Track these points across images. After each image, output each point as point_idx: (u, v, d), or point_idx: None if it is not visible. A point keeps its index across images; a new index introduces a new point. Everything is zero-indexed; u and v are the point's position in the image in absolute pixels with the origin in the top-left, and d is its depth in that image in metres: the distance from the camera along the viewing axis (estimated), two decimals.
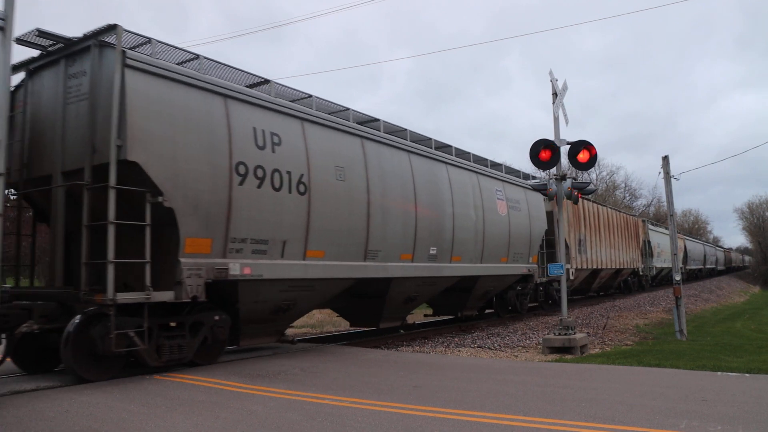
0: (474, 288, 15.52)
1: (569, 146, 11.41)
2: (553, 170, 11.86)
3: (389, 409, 5.91)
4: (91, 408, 6.03)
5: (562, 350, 10.80)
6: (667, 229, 42.62)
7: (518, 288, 18.33)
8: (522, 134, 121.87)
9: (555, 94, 11.88)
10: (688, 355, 10.48)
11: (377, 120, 12.17)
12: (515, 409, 5.90)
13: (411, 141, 12.87)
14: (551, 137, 11.50)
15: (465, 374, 8.20)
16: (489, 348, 11.88)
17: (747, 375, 8.00)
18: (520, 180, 18.25)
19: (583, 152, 11.18)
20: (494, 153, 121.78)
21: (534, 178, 19.40)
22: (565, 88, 12.09)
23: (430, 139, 13.70)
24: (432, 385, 7.32)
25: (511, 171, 17.84)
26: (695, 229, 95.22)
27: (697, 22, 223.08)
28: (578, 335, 11.13)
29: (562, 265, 11.63)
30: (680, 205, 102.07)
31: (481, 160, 15.94)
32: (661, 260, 39.44)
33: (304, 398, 6.47)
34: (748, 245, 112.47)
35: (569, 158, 11.55)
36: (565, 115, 12.10)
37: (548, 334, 11.85)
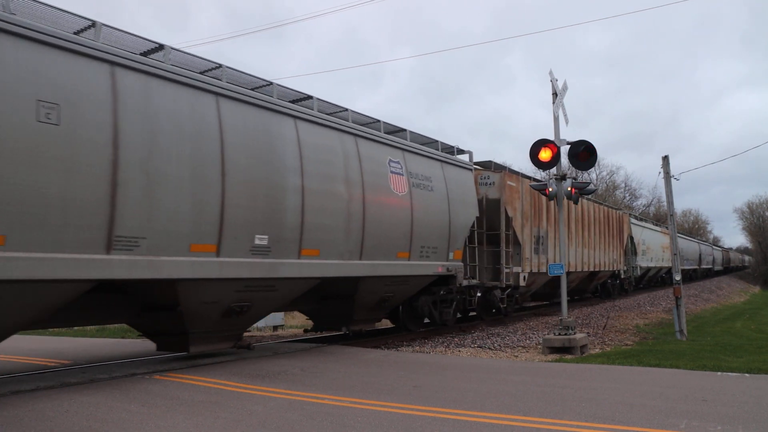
0: (357, 294, 11.46)
1: (569, 146, 11.42)
2: (553, 170, 11.86)
3: (389, 409, 5.91)
4: (91, 408, 6.03)
5: (562, 350, 10.80)
6: (656, 224, 40.14)
7: (442, 293, 14.13)
8: (524, 133, 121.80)
9: (555, 94, 11.89)
10: (688, 355, 10.48)
11: (161, 47, 8.31)
12: (515, 409, 5.90)
13: (229, 83, 9.07)
14: (552, 137, 11.51)
15: (465, 374, 8.21)
16: (489, 348, 11.88)
17: (747, 375, 8.00)
18: (436, 152, 13.53)
19: (583, 152, 11.20)
20: (496, 152, 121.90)
21: (462, 152, 15.04)
22: (565, 88, 12.09)
23: (271, 83, 9.89)
24: (432, 385, 7.32)
25: (422, 140, 13.43)
26: (695, 229, 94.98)
27: (702, 19, 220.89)
28: (578, 335, 11.14)
29: (563, 265, 11.63)
30: (681, 205, 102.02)
31: (370, 123, 11.93)
32: (647, 259, 34.78)
33: (304, 398, 6.48)
34: (748, 245, 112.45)
35: (569, 158, 11.57)
36: (565, 115, 12.11)
37: (548, 334, 11.86)
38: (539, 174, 31.90)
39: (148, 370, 8.40)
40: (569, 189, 11.54)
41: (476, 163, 16.46)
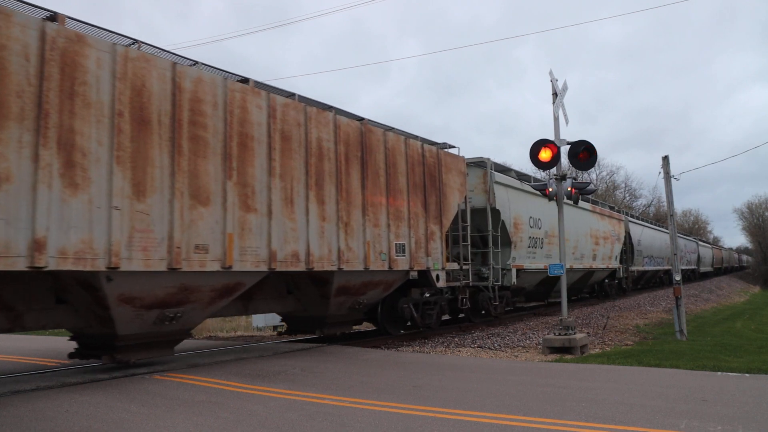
0: None
1: (569, 146, 11.43)
2: (553, 170, 11.86)
3: (389, 409, 5.91)
4: (91, 408, 6.03)
5: (562, 350, 10.80)
6: (581, 203, 22.57)
7: None
8: (531, 130, 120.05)
9: (555, 94, 11.89)
10: (688, 355, 10.48)
11: None
12: (515, 409, 5.90)
13: None
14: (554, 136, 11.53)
15: (465, 374, 8.20)
16: (489, 348, 11.88)
17: (747, 375, 8.00)
18: None
19: (583, 152, 11.21)
20: (500, 150, 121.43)
21: None
22: (565, 88, 12.10)
23: None
24: (432, 385, 7.32)
25: None
26: (695, 229, 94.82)
27: (722, 10, 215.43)
28: (578, 335, 11.14)
29: (563, 265, 11.62)
30: (684, 205, 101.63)
31: None
32: (545, 254, 18.68)
33: (304, 398, 6.47)
34: (749, 245, 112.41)
35: (569, 158, 11.57)
36: (565, 115, 12.11)
37: (548, 334, 11.86)
38: (540, 174, 31.97)
39: (148, 370, 8.40)
40: (569, 189, 11.54)
41: None
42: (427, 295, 13.77)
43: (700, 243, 59.82)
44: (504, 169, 17.67)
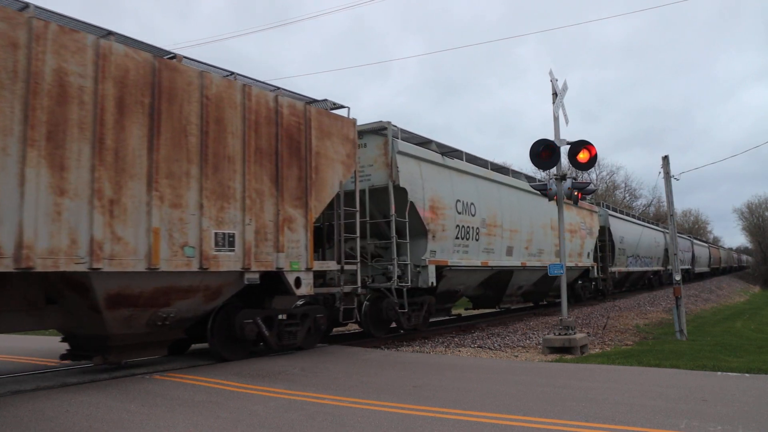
0: None
1: (569, 146, 11.43)
2: (553, 170, 11.86)
3: (389, 409, 5.91)
4: (91, 408, 6.04)
5: (562, 350, 10.80)
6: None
7: None
8: (533, 129, 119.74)
9: (555, 94, 11.90)
10: (688, 355, 10.48)
11: None
12: (515, 409, 5.90)
13: None
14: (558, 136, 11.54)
15: (465, 374, 8.21)
16: (489, 348, 11.88)
17: (747, 375, 8.00)
18: None
19: (583, 152, 11.20)
20: (501, 149, 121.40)
21: None
22: (564, 88, 12.10)
23: None
24: (432, 385, 7.32)
25: None
26: (695, 229, 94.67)
27: (724, 9, 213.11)
28: (578, 335, 11.14)
29: (563, 265, 11.62)
30: (685, 205, 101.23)
31: None
32: (468, 248, 14.48)
33: (304, 398, 6.48)
34: (749, 245, 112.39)
35: (569, 158, 11.57)
36: (565, 115, 12.11)
37: (548, 334, 11.86)
38: (539, 174, 31.97)
39: (148, 370, 8.40)
40: (569, 189, 11.55)
41: None
42: (299, 303, 10.50)
43: (696, 242, 55.66)
44: (424, 141, 13.97)
